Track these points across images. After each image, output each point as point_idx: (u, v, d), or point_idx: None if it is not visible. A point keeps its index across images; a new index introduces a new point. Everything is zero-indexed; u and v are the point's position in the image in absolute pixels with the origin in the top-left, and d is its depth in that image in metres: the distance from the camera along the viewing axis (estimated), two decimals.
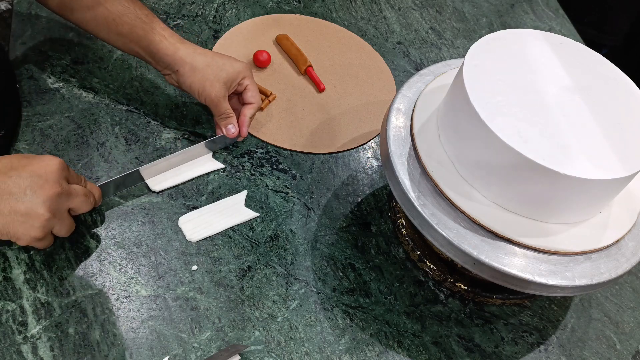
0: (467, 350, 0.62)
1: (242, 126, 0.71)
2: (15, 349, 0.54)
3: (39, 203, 0.52)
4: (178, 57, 0.67)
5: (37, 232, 0.53)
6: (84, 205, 0.57)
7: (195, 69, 0.67)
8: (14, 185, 0.52)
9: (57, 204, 0.53)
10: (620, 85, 0.57)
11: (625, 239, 0.56)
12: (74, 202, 0.56)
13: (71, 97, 0.75)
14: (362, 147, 0.79)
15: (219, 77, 0.68)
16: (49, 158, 0.55)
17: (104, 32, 0.67)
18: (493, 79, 0.54)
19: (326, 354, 0.59)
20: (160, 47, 0.66)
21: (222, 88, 0.68)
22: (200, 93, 0.68)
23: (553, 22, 1.07)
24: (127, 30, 0.66)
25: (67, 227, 0.56)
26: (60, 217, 0.55)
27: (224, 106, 0.69)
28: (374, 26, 0.97)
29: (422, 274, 0.67)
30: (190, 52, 0.67)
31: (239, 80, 0.70)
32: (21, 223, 0.52)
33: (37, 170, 0.53)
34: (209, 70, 0.67)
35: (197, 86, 0.68)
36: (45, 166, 0.53)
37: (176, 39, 0.68)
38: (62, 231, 0.56)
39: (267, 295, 0.62)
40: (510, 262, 0.51)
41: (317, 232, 0.68)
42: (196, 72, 0.67)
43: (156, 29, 0.67)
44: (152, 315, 0.59)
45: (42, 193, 0.52)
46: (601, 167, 0.49)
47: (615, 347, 0.65)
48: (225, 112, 0.70)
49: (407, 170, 0.57)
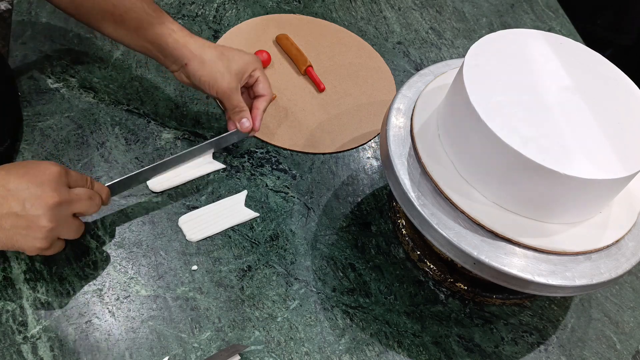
0: (467, 350, 0.62)
1: (256, 119, 0.69)
2: (15, 349, 0.54)
3: (39, 215, 0.50)
4: (187, 50, 0.65)
5: (41, 243, 0.52)
6: (89, 208, 0.56)
7: (205, 61, 0.66)
8: (12, 198, 0.50)
9: (58, 213, 0.52)
10: (620, 85, 0.57)
11: (625, 239, 0.56)
12: (77, 207, 0.54)
13: (71, 97, 0.75)
14: (362, 147, 0.79)
15: (230, 68, 0.67)
16: (46, 165, 0.53)
17: (110, 28, 0.66)
18: (493, 79, 0.54)
19: (326, 354, 0.59)
20: (169, 40, 0.65)
21: (233, 79, 0.67)
22: (212, 86, 0.66)
23: (553, 22, 1.07)
24: (135, 26, 0.65)
25: (75, 231, 0.55)
26: (64, 224, 0.53)
27: (236, 98, 0.68)
28: (374, 26, 0.97)
29: (422, 274, 0.67)
30: (199, 46, 0.66)
31: (249, 72, 0.69)
32: (24, 236, 0.51)
33: (35, 180, 0.51)
34: (219, 62, 0.66)
35: (207, 79, 0.66)
36: (42, 175, 0.52)
37: (185, 32, 0.67)
38: (70, 235, 0.55)
39: (267, 295, 0.62)
40: (510, 262, 0.51)
41: (317, 232, 0.68)
42: (206, 65, 0.66)
43: (165, 23, 0.66)
44: (152, 315, 0.59)
45: (41, 204, 0.51)
46: (601, 167, 0.49)
47: (615, 347, 0.65)
48: (238, 105, 0.68)
49: (407, 170, 0.56)
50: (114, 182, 0.62)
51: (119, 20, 0.65)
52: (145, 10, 0.65)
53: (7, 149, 0.66)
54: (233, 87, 0.67)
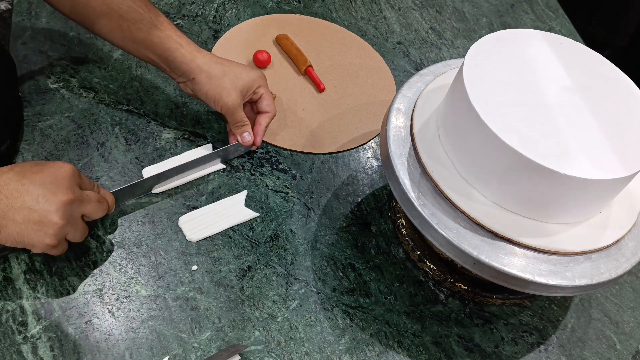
0: (467, 350, 0.62)
1: (257, 135, 0.71)
2: (15, 349, 0.54)
3: (52, 211, 0.52)
4: (195, 65, 0.66)
5: (51, 240, 0.53)
6: (97, 211, 0.57)
7: (212, 77, 0.67)
8: (27, 193, 0.51)
9: (70, 211, 0.53)
10: (620, 85, 0.57)
11: (625, 239, 0.56)
12: (87, 208, 0.56)
13: (71, 97, 0.75)
14: (362, 147, 0.79)
15: (236, 85, 0.68)
16: (60, 164, 0.54)
17: (117, 38, 0.67)
18: (493, 79, 0.54)
19: (326, 354, 0.59)
20: (177, 55, 0.66)
21: (238, 96, 0.68)
22: (217, 101, 0.68)
23: (553, 22, 1.07)
24: (142, 38, 0.65)
25: (81, 233, 0.56)
26: (73, 224, 0.54)
27: (239, 114, 0.69)
28: (374, 26, 0.97)
29: (422, 274, 0.67)
30: (207, 61, 0.67)
31: (254, 89, 0.70)
32: (35, 231, 0.52)
33: (49, 177, 0.53)
34: (226, 78, 0.67)
35: (213, 94, 0.67)
36: (56, 173, 0.53)
37: (193, 47, 0.67)
38: (76, 237, 0.56)
39: (267, 295, 0.62)
40: (510, 262, 0.51)
41: (317, 232, 0.68)
42: (213, 80, 0.67)
43: (172, 36, 0.66)
44: (152, 315, 0.59)
45: (54, 200, 0.52)
46: (601, 167, 0.49)
47: (615, 347, 0.65)
48: (241, 120, 0.70)
49: (407, 170, 0.56)
50: (117, 189, 0.63)
51: (126, 32, 0.65)
52: (153, 23, 0.65)
53: (7, 149, 0.66)
54: (237, 104, 0.69)
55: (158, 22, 0.66)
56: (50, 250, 0.54)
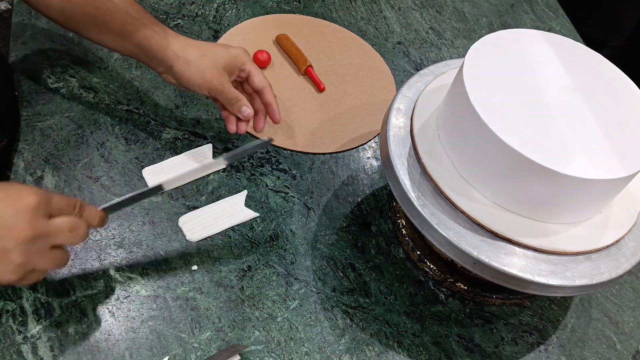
0: (467, 350, 0.62)
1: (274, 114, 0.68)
2: (15, 349, 0.54)
3: (9, 249, 0.45)
4: (171, 51, 0.63)
5: (10, 276, 0.46)
6: (70, 240, 0.49)
7: (190, 61, 0.63)
8: None
9: (31, 247, 0.46)
10: (620, 85, 0.57)
11: (625, 239, 0.56)
12: (55, 240, 0.48)
13: (71, 97, 0.75)
14: (362, 147, 0.79)
15: (217, 63, 0.64)
16: (24, 193, 0.47)
17: (94, 31, 0.64)
18: (493, 79, 0.54)
19: (326, 354, 0.59)
20: (152, 42, 0.63)
21: (223, 74, 0.64)
22: (202, 85, 0.64)
23: (553, 22, 1.07)
24: (118, 28, 0.63)
25: (54, 263, 0.49)
26: (40, 257, 0.47)
27: (230, 91, 0.65)
28: (374, 26, 0.97)
29: (422, 274, 0.67)
30: (182, 46, 0.64)
31: (239, 66, 0.66)
32: None
33: (10, 207, 0.46)
34: (205, 59, 0.64)
35: (195, 78, 0.64)
36: (17, 204, 0.46)
37: (168, 33, 0.64)
38: (48, 267, 0.49)
39: (267, 295, 0.62)
40: (510, 262, 0.51)
41: (317, 232, 0.68)
42: (191, 65, 0.63)
43: (147, 24, 0.63)
44: (152, 315, 0.59)
45: (11, 237, 0.45)
46: (601, 167, 0.49)
47: (615, 347, 0.65)
48: (234, 96, 0.65)
49: (407, 170, 0.56)
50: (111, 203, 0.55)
51: (101, 23, 0.63)
52: (128, 12, 0.63)
53: (4, 149, 0.66)
54: (224, 81, 0.65)
55: (133, 11, 0.63)
56: (16, 284, 0.48)
